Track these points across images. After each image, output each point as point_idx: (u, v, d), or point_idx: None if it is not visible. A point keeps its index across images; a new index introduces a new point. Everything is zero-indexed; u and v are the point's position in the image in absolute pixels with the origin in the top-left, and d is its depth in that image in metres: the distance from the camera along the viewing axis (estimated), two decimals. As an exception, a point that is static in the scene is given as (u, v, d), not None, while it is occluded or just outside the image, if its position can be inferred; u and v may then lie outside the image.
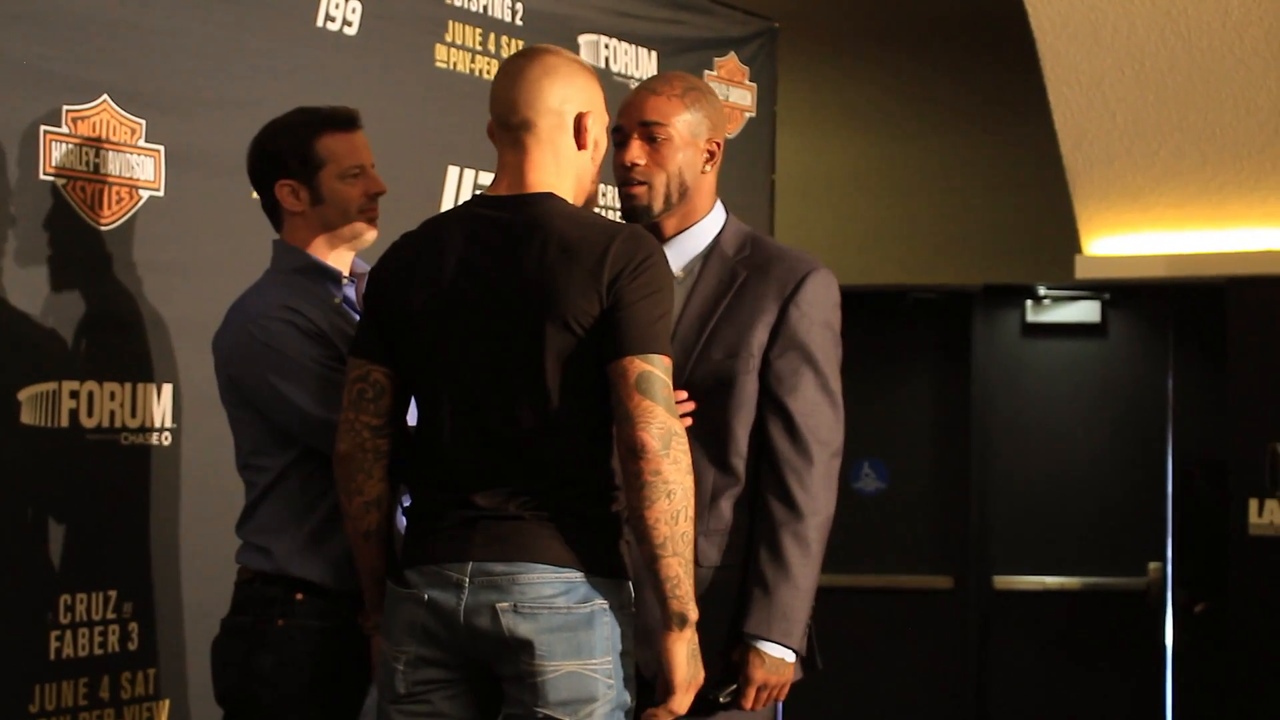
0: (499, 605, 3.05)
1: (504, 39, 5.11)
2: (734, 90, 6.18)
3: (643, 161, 3.44)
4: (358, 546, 3.29)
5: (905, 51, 8.73)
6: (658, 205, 3.47)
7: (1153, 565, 8.30)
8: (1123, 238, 7.69)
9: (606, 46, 5.55)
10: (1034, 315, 8.68)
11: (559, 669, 3.04)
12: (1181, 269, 7.61)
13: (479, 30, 5.06)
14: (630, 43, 5.64)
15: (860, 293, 8.78)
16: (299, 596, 3.46)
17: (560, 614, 3.05)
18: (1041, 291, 8.63)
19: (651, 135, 3.44)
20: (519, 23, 5.19)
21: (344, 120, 3.61)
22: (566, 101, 3.20)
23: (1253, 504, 7.25)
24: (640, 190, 3.45)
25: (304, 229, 3.59)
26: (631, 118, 3.46)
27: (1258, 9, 6.68)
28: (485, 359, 3.10)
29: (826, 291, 3.53)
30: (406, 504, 3.30)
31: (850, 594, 8.49)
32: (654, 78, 3.50)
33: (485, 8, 5.08)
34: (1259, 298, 7.34)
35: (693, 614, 3.09)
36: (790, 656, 3.44)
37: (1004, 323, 8.70)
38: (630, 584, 3.19)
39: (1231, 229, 7.49)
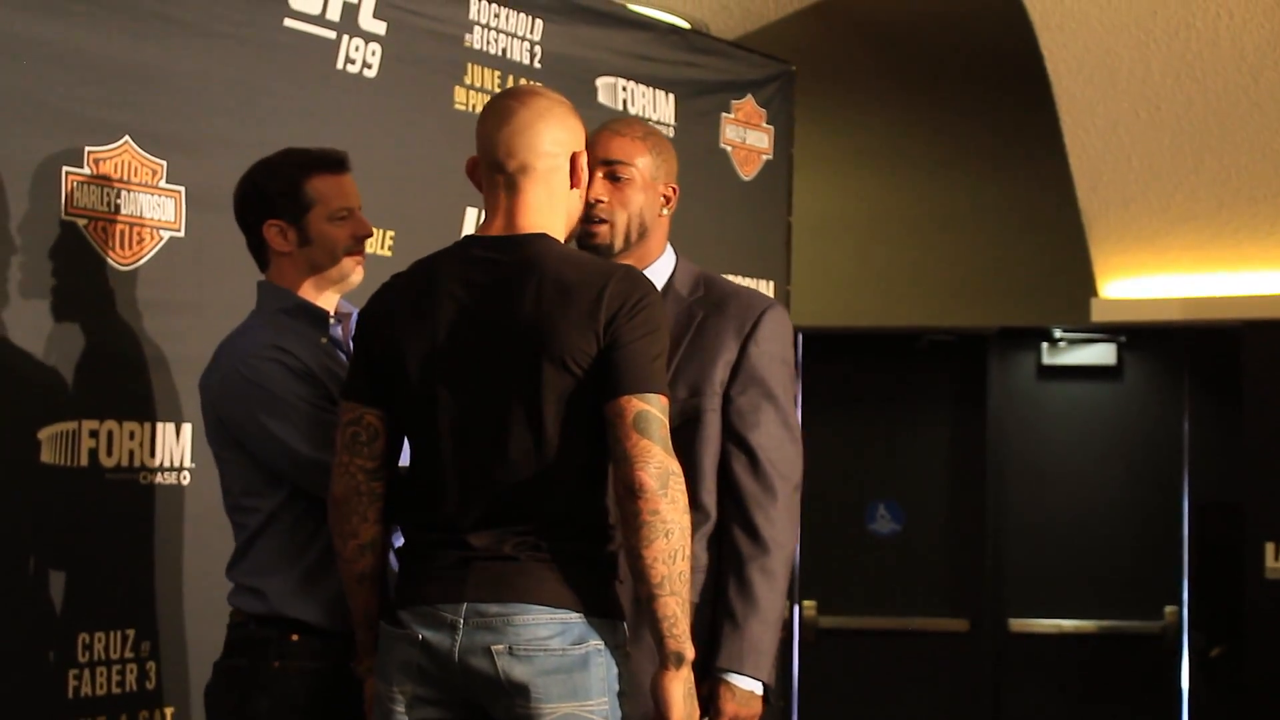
0: (494, 647, 3.04)
1: (522, 81, 5.13)
2: (751, 132, 6.20)
3: (606, 199, 3.46)
4: (351, 589, 3.28)
5: (921, 94, 8.76)
6: (618, 243, 3.50)
7: (1169, 609, 8.29)
8: (1138, 281, 7.70)
9: (624, 89, 5.57)
10: (1050, 358, 8.69)
11: (555, 711, 3.03)
12: (1197, 312, 7.62)
13: (498, 73, 5.09)
14: (648, 85, 5.66)
15: (876, 335, 8.82)
16: (294, 637, 3.44)
17: (555, 655, 3.04)
18: (1057, 334, 8.63)
19: (615, 174, 3.48)
20: (537, 65, 5.22)
21: (333, 162, 3.61)
22: (560, 143, 3.21)
23: (1269, 547, 7.25)
24: (602, 229, 3.48)
25: (291, 270, 3.59)
26: (595, 155, 3.47)
27: (1273, 53, 6.70)
28: (480, 400, 3.09)
29: (782, 328, 3.60)
30: (398, 545, 3.30)
31: (866, 636, 8.49)
32: (614, 120, 3.54)
33: (504, 50, 5.11)
34: (1275, 341, 7.34)
35: (689, 653, 3.09)
36: (759, 689, 3.47)
37: (1020, 365, 8.71)
38: (625, 624, 3.19)
39: (1247, 272, 7.50)
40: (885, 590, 8.63)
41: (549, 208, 3.21)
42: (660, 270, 3.60)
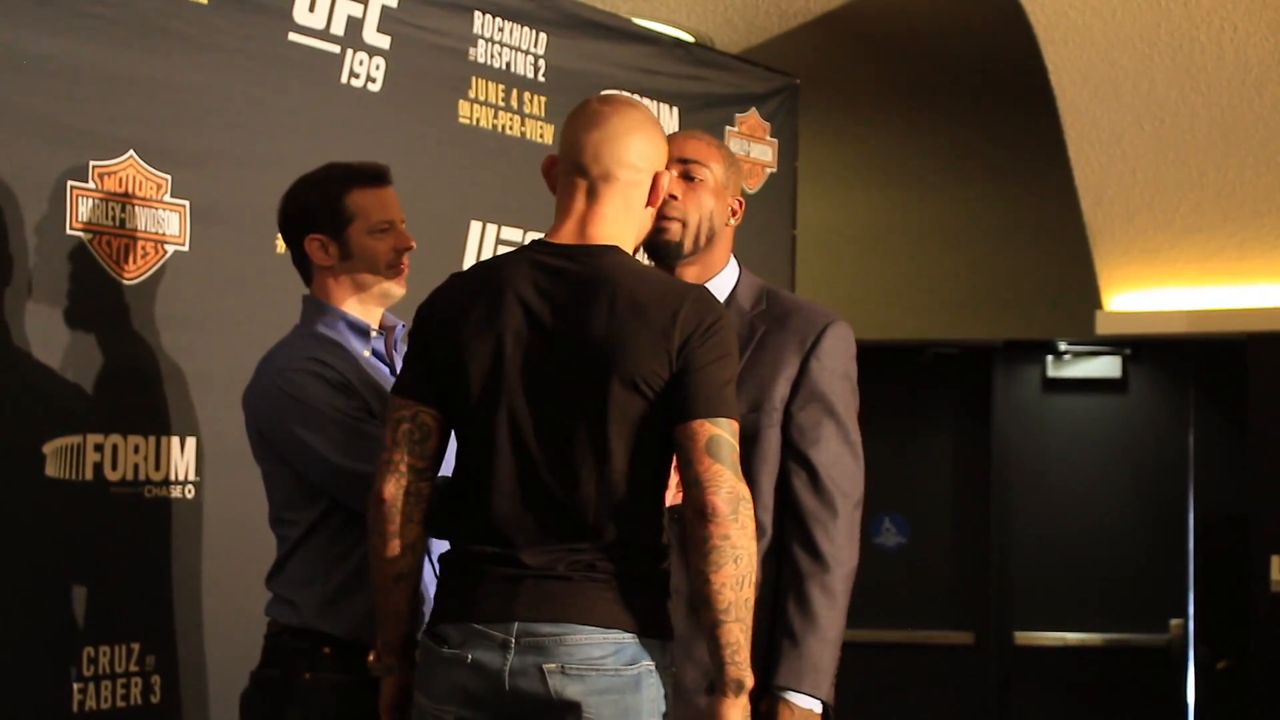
0: (546, 667, 3.00)
1: (527, 95, 5.14)
2: (755, 146, 6.21)
3: (679, 196, 3.44)
4: (386, 588, 3.20)
5: (925, 107, 8.77)
6: (688, 244, 3.47)
7: (1174, 621, 8.28)
8: (1143, 293, 7.70)
9: (628, 103, 5.57)
10: (1055, 370, 8.69)
11: None
12: (1202, 325, 7.62)
13: (502, 86, 5.10)
14: (652, 99, 5.66)
15: (881, 347, 8.82)
16: (326, 650, 3.45)
17: (608, 675, 3.01)
18: (1062, 347, 8.64)
19: (690, 174, 3.46)
20: (541, 79, 5.23)
21: (374, 175, 3.62)
22: (645, 159, 3.18)
23: (1275, 560, 7.24)
24: (673, 225, 3.45)
25: (333, 283, 3.59)
26: (671, 154, 3.42)
27: (1277, 66, 6.71)
28: (544, 414, 3.05)
29: (845, 343, 3.55)
30: (438, 554, 3.28)
31: (871, 649, 8.48)
32: (689, 128, 3.51)
33: (508, 64, 5.12)
34: (1280, 353, 7.34)
35: (749, 680, 3.05)
36: (818, 707, 3.42)
37: (1024, 378, 8.71)
38: (672, 645, 3.15)
39: (1252, 285, 7.50)
40: (890, 603, 8.62)
41: (624, 220, 3.18)
42: (723, 283, 3.57)
